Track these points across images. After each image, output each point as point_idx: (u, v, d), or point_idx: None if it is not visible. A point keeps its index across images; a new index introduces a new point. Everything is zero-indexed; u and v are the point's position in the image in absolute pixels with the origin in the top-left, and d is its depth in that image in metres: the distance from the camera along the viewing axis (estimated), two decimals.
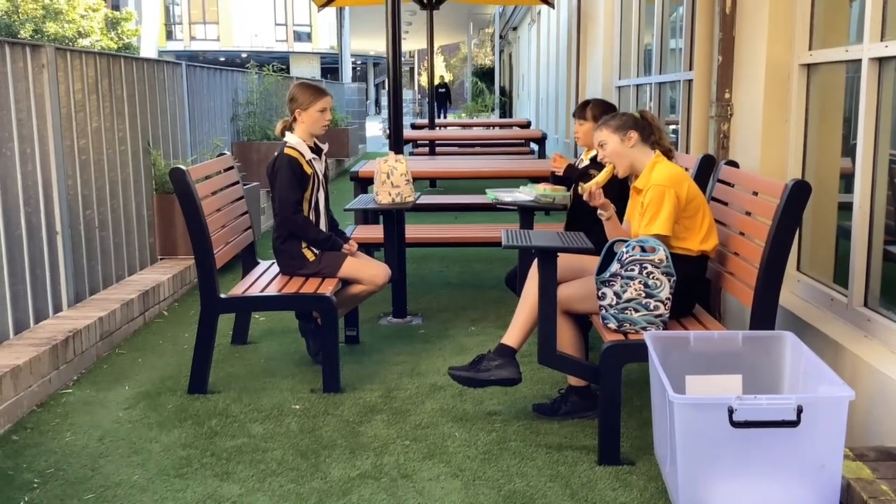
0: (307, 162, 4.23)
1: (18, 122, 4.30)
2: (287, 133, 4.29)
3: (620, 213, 4.18)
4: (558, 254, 3.35)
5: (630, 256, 3.19)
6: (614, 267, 3.22)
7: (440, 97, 32.68)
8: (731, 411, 2.42)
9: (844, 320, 3.37)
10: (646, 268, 3.19)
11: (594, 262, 3.44)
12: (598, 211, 3.67)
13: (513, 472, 3.16)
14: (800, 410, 2.40)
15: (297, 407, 3.80)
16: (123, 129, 5.58)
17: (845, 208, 3.48)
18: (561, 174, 4.72)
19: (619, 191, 4.19)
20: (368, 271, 4.31)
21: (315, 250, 4.26)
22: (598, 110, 4.29)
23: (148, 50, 18.56)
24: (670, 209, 3.28)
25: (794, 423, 2.41)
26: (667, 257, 3.20)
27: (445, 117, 30.14)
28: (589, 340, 3.97)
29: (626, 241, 3.26)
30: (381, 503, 2.93)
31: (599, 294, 3.27)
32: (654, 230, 3.28)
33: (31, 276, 4.37)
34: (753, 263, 3.13)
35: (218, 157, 4.85)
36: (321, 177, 4.34)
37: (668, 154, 3.54)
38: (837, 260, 3.71)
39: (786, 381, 2.92)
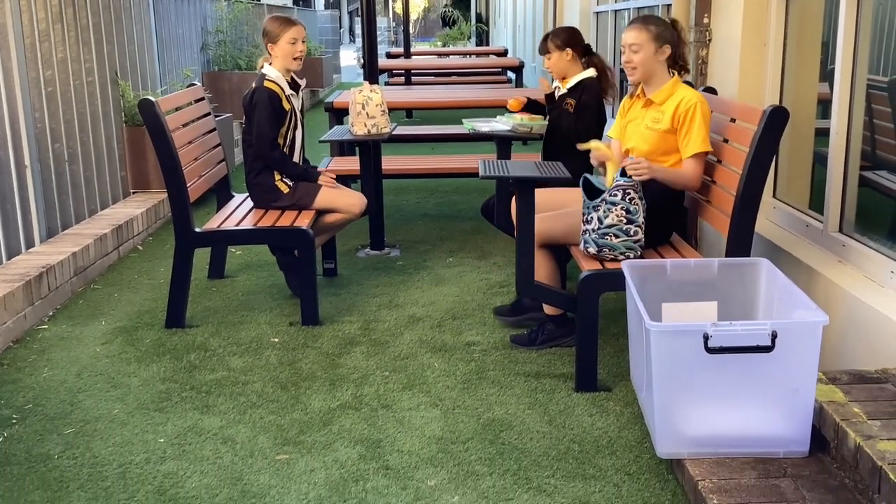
0: (286, 98, 4.17)
1: None
2: (266, 66, 4.21)
3: (597, 136, 4.13)
4: (537, 188, 3.33)
5: (615, 181, 3.20)
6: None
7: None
8: (706, 338, 2.44)
9: (819, 246, 3.39)
10: (628, 193, 3.20)
11: (574, 194, 3.43)
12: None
13: (491, 400, 3.20)
14: (774, 336, 2.43)
15: (276, 340, 3.81)
16: (90, 60, 5.43)
17: (822, 134, 3.48)
18: (542, 99, 4.62)
19: (595, 114, 4.14)
20: (345, 200, 4.28)
21: (289, 182, 4.22)
22: (559, 39, 4.19)
23: None
24: (704, 123, 3.28)
25: (768, 349, 2.44)
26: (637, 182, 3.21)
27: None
28: (567, 270, 3.98)
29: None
30: (361, 433, 2.96)
31: (587, 219, 3.27)
32: (696, 149, 3.25)
33: (2, 212, 4.30)
34: (730, 191, 3.12)
35: (188, 87, 4.74)
36: (298, 114, 4.28)
37: (681, 71, 3.47)
38: (813, 186, 3.72)
39: (761, 306, 2.95)
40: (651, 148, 3.38)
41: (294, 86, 4.27)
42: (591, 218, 3.26)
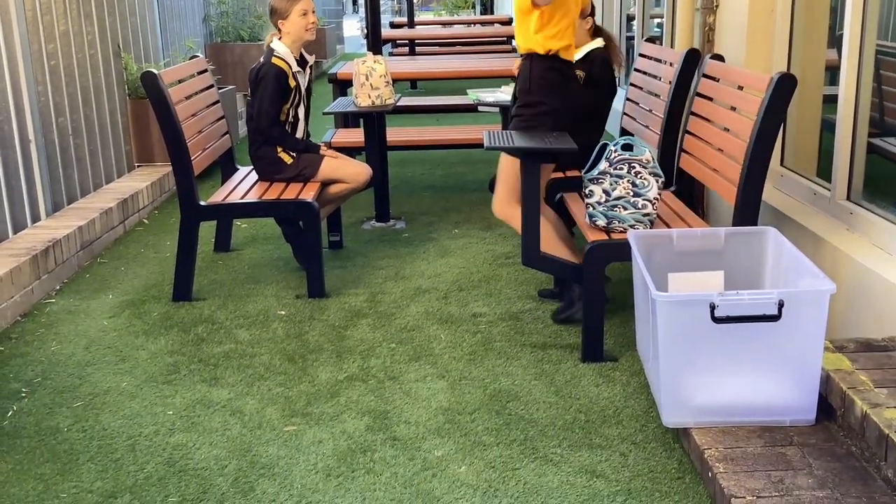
0: (292, 75, 4.14)
1: None
2: (274, 40, 4.18)
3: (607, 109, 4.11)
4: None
5: (619, 155, 3.18)
6: (603, 165, 3.20)
7: None
8: (712, 307, 2.44)
9: (827, 214, 3.38)
10: (634, 167, 3.18)
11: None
12: None
13: (498, 371, 3.20)
14: (781, 304, 2.42)
15: (283, 312, 3.81)
16: (92, 32, 5.40)
17: (830, 101, 3.44)
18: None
19: (608, 88, 4.12)
20: (349, 170, 4.27)
21: (292, 153, 4.21)
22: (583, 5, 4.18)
23: None
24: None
25: (775, 318, 2.43)
26: (653, 158, 3.19)
27: None
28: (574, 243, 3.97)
29: (613, 141, 3.24)
30: (368, 404, 2.97)
31: (587, 192, 3.26)
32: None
33: (7, 186, 4.30)
34: (738, 159, 3.10)
35: (191, 59, 4.71)
36: (303, 91, 4.25)
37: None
38: (821, 154, 3.69)
39: (768, 275, 2.94)
40: (524, 26, 3.38)
41: (302, 62, 4.24)
42: (592, 191, 3.24)
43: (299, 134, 4.30)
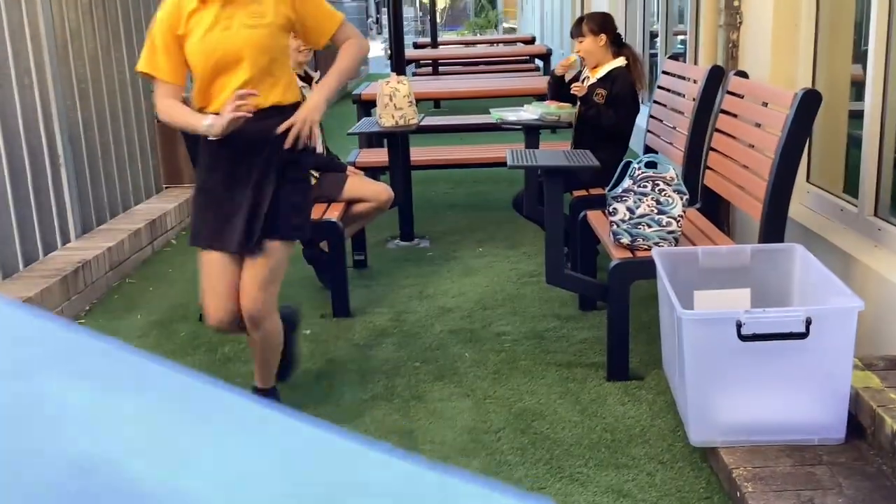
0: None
1: (14, 54, 4.23)
2: None
3: (630, 128, 4.11)
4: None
5: (643, 173, 3.18)
6: (626, 183, 3.20)
7: None
8: (739, 325, 2.42)
9: (854, 230, 3.34)
10: (658, 185, 3.18)
11: None
12: None
13: (523, 390, 3.19)
14: (808, 322, 2.40)
15: (308, 332, 3.83)
16: (121, 56, 5.49)
17: (856, 117, 3.42)
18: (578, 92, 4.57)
19: (629, 106, 4.12)
20: (372, 188, 4.29)
21: (315, 174, 4.24)
22: (594, 23, 4.19)
23: None
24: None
25: (802, 336, 2.41)
26: (677, 175, 3.19)
27: None
28: (597, 261, 3.97)
29: (637, 159, 3.24)
30: (393, 424, 2.97)
31: (610, 210, 3.25)
32: (339, 19, 2.80)
33: (38, 208, 4.36)
34: (763, 176, 3.08)
35: None
36: None
37: None
38: (848, 170, 3.66)
39: (795, 293, 2.92)
40: (264, 51, 2.65)
41: (306, 79, 4.27)
42: (616, 209, 3.23)
43: (319, 149, 4.32)
